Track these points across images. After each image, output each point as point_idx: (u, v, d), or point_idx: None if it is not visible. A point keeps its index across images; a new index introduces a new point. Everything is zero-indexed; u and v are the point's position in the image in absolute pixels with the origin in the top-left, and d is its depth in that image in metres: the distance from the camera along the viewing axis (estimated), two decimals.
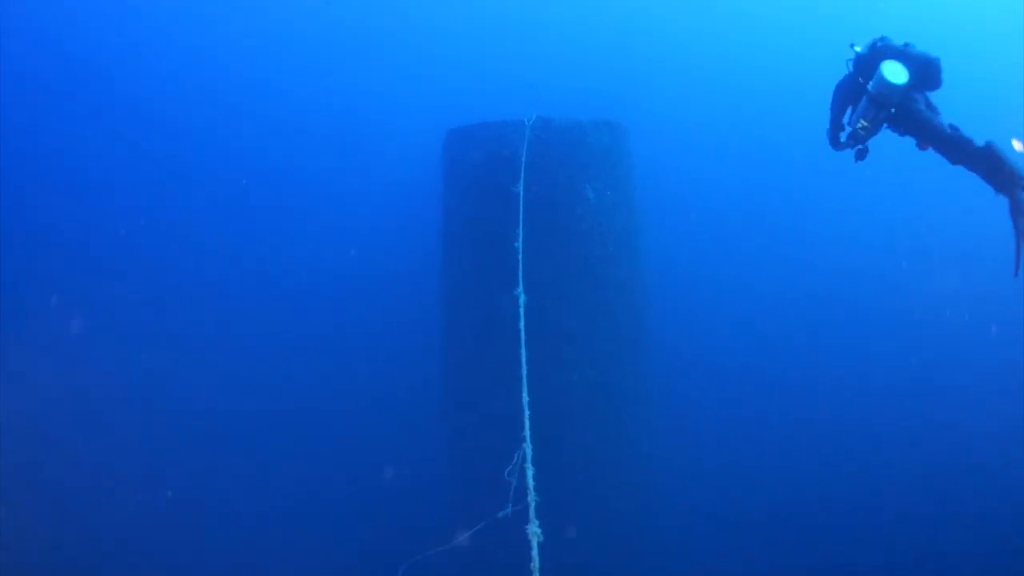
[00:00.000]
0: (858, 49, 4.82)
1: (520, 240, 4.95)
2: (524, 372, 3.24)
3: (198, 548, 10.05)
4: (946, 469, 11.06)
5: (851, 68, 4.86)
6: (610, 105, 9.99)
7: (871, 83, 4.52)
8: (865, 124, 4.62)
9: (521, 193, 6.19)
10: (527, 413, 2.88)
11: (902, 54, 4.60)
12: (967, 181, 4.49)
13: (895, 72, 4.43)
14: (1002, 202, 4.23)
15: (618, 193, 9.22)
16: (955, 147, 4.40)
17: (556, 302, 8.26)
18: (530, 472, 2.64)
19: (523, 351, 3.49)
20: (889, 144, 4.85)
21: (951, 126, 4.56)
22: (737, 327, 13.01)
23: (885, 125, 4.71)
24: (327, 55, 16.70)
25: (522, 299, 4.25)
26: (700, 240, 13.46)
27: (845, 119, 4.92)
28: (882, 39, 4.75)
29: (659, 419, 9.62)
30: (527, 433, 2.70)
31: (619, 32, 16.82)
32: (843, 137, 4.91)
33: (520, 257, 4.70)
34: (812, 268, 13.66)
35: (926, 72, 4.58)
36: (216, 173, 14.88)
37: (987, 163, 4.27)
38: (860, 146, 4.79)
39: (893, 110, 4.55)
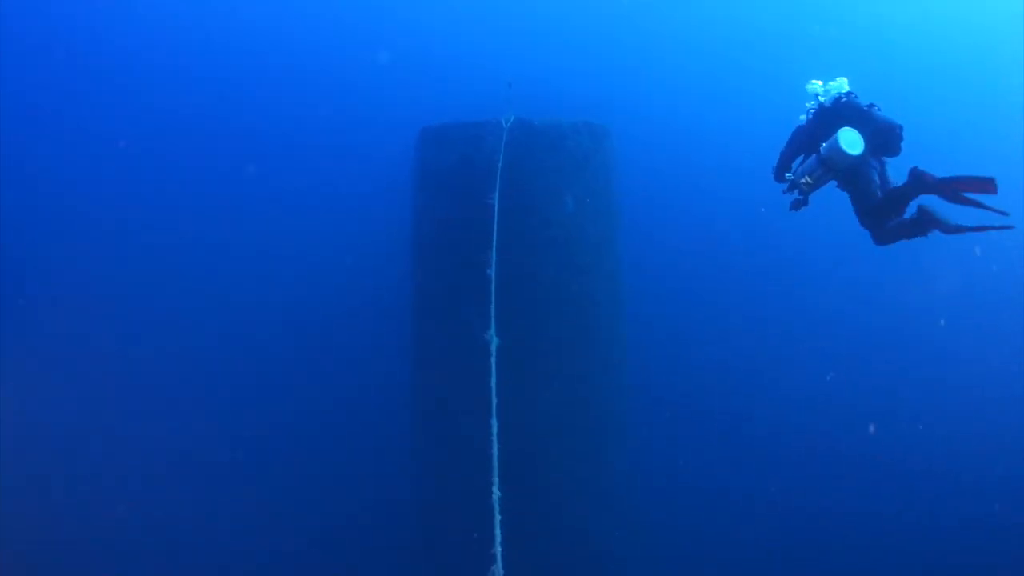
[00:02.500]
0: (822, 99, 4.68)
1: (493, 266, 4.46)
2: (495, 448, 2.78)
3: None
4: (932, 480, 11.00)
5: (810, 117, 4.73)
6: (591, 106, 9.51)
7: (824, 146, 4.37)
8: (809, 181, 4.51)
9: (496, 204, 5.68)
10: (497, 510, 2.41)
11: (865, 115, 4.45)
12: None
13: (852, 142, 4.26)
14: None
15: (598, 200, 8.76)
16: (888, 204, 4.27)
17: (531, 318, 7.82)
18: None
19: (493, 414, 3.03)
20: None
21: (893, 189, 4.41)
22: (720, 338, 12.68)
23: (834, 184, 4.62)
24: (294, 47, 15.98)
25: (495, 342, 3.78)
26: (684, 249, 13.07)
27: (795, 163, 4.80)
28: (848, 95, 4.62)
29: (637, 437, 9.29)
30: (497, 534, 2.25)
31: (602, 30, 16.33)
32: (788, 177, 4.78)
33: (492, 287, 4.22)
34: (802, 278, 13.32)
35: (886, 138, 4.42)
36: (173, 175, 14.27)
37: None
38: (799, 197, 4.67)
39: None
